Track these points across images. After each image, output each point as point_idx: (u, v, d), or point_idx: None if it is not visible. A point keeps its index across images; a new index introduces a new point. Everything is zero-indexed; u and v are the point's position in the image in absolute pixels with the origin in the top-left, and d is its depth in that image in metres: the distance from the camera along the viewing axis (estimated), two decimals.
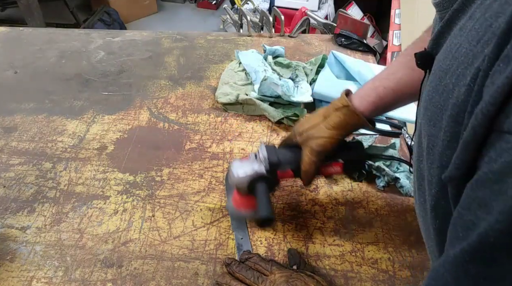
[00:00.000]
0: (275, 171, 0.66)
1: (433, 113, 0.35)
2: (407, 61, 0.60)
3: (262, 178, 0.64)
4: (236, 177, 0.64)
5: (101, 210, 0.75)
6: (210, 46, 1.28)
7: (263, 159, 0.64)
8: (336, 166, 0.68)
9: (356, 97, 0.63)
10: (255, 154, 0.67)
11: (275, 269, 0.59)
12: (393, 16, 2.35)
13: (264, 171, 0.64)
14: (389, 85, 0.61)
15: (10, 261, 0.67)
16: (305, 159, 0.64)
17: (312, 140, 0.63)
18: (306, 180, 0.67)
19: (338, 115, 0.62)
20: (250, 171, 0.64)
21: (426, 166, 0.37)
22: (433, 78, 0.37)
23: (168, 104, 1.03)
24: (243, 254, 0.63)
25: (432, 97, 0.36)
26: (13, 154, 0.87)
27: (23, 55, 1.22)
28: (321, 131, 0.63)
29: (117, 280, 0.64)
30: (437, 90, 0.35)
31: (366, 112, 0.62)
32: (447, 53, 0.35)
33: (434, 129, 0.35)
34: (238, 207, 0.69)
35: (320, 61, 1.10)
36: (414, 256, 0.68)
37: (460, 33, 0.34)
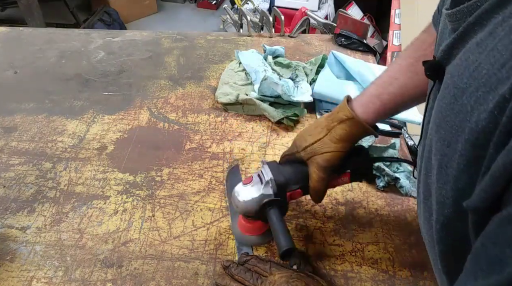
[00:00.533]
0: (285, 192, 0.62)
1: (447, 133, 0.34)
2: (409, 65, 0.59)
3: (272, 202, 0.60)
4: (243, 203, 0.61)
5: (101, 210, 0.75)
6: (210, 46, 1.28)
7: (269, 180, 0.60)
8: (344, 176, 0.65)
9: (358, 106, 0.60)
10: (258, 175, 0.62)
11: (274, 269, 0.59)
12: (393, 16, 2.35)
13: (272, 193, 0.60)
14: (393, 92, 0.59)
15: (10, 261, 0.67)
16: (313, 176, 0.61)
17: (317, 156, 0.60)
18: (317, 197, 0.64)
19: (343, 128, 0.59)
20: (257, 195, 0.60)
21: (436, 184, 0.36)
22: (446, 94, 0.35)
23: (168, 104, 1.03)
24: (241, 256, 0.63)
25: (446, 116, 0.35)
26: (13, 154, 0.88)
27: (23, 55, 1.22)
28: (326, 146, 0.60)
29: (117, 280, 0.64)
30: (452, 109, 0.34)
31: (370, 121, 0.60)
32: (463, 70, 0.33)
33: (448, 150, 0.34)
34: (245, 232, 0.67)
35: (320, 61, 1.10)
36: (414, 256, 0.68)
37: (478, 50, 0.32)
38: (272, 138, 0.92)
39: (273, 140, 0.92)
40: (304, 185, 0.62)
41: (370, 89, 0.61)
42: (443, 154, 0.35)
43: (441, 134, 0.35)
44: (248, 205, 0.60)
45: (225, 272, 0.61)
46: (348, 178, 0.65)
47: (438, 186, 0.36)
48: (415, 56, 0.58)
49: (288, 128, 0.95)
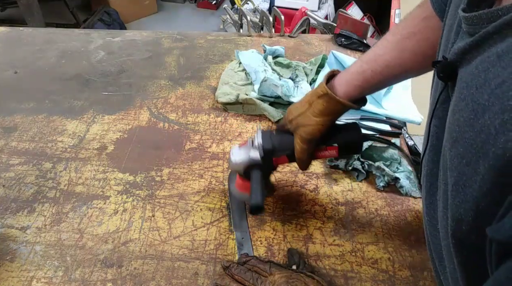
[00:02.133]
0: (270, 157, 0.67)
1: (467, 151, 0.32)
2: (397, 42, 0.58)
3: (257, 165, 0.66)
4: (234, 163, 0.67)
5: (101, 210, 0.75)
6: (210, 46, 1.28)
7: (258, 146, 0.66)
8: (331, 149, 0.67)
9: (341, 81, 0.62)
10: (252, 140, 0.68)
11: (274, 270, 0.59)
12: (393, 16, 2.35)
13: (259, 157, 0.65)
14: (377, 69, 0.59)
15: (10, 261, 0.67)
16: (296, 147, 0.65)
17: (300, 128, 0.63)
18: (301, 165, 0.68)
19: (321, 103, 0.61)
20: (246, 157, 0.66)
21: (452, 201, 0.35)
22: (464, 107, 0.34)
23: (168, 104, 1.03)
24: (241, 257, 0.63)
25: (464, 132, 0.33)
26: (13, 154, 0.87)
27: (23, 55, 1.22)
28: (307, 119, 0.62)
29: (117, 280, 0.64)
30: (472, 126, 0.32)
31: (352, 96, 0.61)
32: (482, 82, 0.32)
33: (467, 169, 0.32)
34: (240, 190, 0.70)
35: (320, 61, 1.10)
36: (414, 256, 0.68)
37: (500, 64, 0.30)
38: None
39: None
40: (290, 153, 0.67)
41: (355, 65, 0.62)
42: (461, 172, 0.33)
43: (458, 151, 0.34)
44: (237, 164, 0.67)
45: (225, 272, 0.61)
46: (336, 151, 0.67)
47: (454, 203, 0.34)
48: (404, 33, 0.58)
49: None
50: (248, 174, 0.67)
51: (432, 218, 0.46)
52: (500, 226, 0.28)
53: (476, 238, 0.32)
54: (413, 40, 0.57)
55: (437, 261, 0.46)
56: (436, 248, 0.46)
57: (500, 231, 0.28)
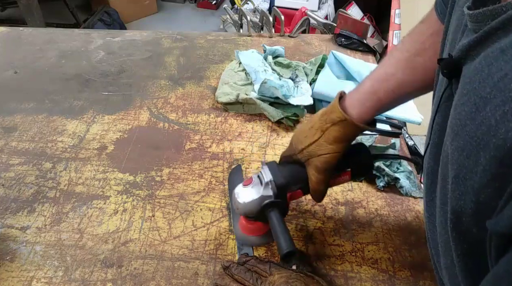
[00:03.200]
0: (285, 193, 0.62)
1: (467, 143, 0.33)
2: (406, 60, 0.57)
3: (272, 204, 0.60)
4: (243, 204, 0.61)
5: (101, 210, 0.75)
6: (210, 46, 1.28)
7: (268, 181, 0.60)
8: (344, 175, 0.64)
9: (354, 103, 0.59)
10: (258, 176, 0.62)
11: (274, 270, 0.59)
12: (393, 16, 2.36)
13: (272, 194, 0.60)
14: (390, 88, 0.57)
15: (10, 261, 0.67)
16: (312, 179, 0.61)
17: (314, 158, 0.60)
18: (318, 197, 0.64)
19: (337, 130, 0.58)
20: (257, 196, 0.60)
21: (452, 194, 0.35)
22: (466, 101, 0.34)
23: (168, 104, 1.03)
24: (241, 257, 0.63)
25: (465, 125, 0.33)
26: (13, 154, 0.88)
27: (23, 55, 1.22)
28: (322, 148, 0.59)
29: (117, 280, 0.64)
30: (473, 119, 0.32)
31: (366, 118, 0.59)
32: (485, 77, 0.32)
33: (468, 161, 0.32)
34: (248, 233, 0.67)
35: (320, 61, 1.10)
36: (414, 256, 0.68)
37: (503, 58, 0.31)
38: (272, 138, 0.92)
39: (273, 140, 0.92)
40: (304, 186, 0.62)
41: (366, 85, 0.60)
42: (461, 164, 0.33)
43: (459, 144, 0.34)
44: (248, 206, 0.61)
45: (225, 272, 0.61)
46: (349, 176, 0.64)
47: (454, 196, 0.35)
48: (413, 49, 0.57)
49: (288, 128, 0.95)
50: (261, 216, 0.61)
51: (432, 215, 0.46)
52: (499, 218, 0.28)
53: (477, 231, 0.33)
54: (424, 57, 0.56)
55: (436, 257, 0.47)
56: (435, 245, 0.46)
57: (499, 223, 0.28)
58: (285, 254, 0.56)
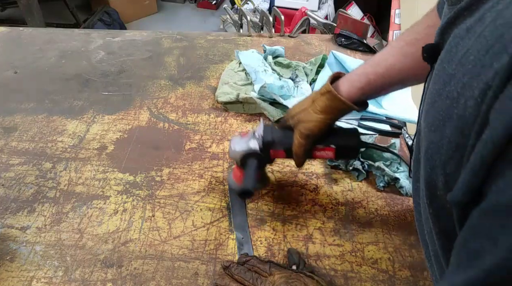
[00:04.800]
0: (268, 149, 0.68)
1: (435, 119, 0.34)
2: (400, 47, 0.60)
3: (254, 154, 0.68)
4: (232, 151, 0.69)
5: (101, 210, 0.75)
6: (210, 46, 1.28)
7: (258, 137, 0.68)
8: (328, 150, 0.68)
9: (345, 82, 0.63)
10: (253, 131, 0.70)
11: (274, 270, 0.59)
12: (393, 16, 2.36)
13: (258, 148, 0.67)
14: (380, 72, 0.60)
15: (10, 261, 0.67)
16: (295, 142, 0.66)
17: (301, 123, 0.64)
18: (297, 161, 0.68)
19: (323, 100, 0.62)
20: (245, 146, 0.68)
21: (424, 170, 0.36)
22: (436, 80, 0.36)
23: (168, 104, 1.03)
24: (240, 257, 0.63)
25: (434, 102, 0.35)
26: (13, 154, 0.87)
27: (23, 55, 1.22)
28: (309, 115, 0.64)
29: (117, 280, 0.64)
30: (440, 95, 0.34)
31: (354, 97, 0.62)
32: (452, 55, 0.33)
33: (435, 135, 0.34)
34: (237, 181, 0.72)
35: (320, 61, 1.10)
36: (414, 256, 0.68)
37: (467, 36, 0.32)
38: None
39: None
40: (288, 148, 0.68)
41: (360, 68, 0.64)
42: (429, 140, 0.35)
43: (429, 120, 0.35)
44: (236, 152, 0.69)
45: (225, 272, 0.61)
46: (332, 153, 0.68)
47: (426, 171, 0.36)
48: (407, 39, 0.60)
49: None
50: (244, 163, 0.68)
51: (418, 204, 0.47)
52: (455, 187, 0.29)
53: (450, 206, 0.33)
54: (416, 46, 0.58)
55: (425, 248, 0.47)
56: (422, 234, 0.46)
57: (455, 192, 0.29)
58: (243, 189, 0.64)
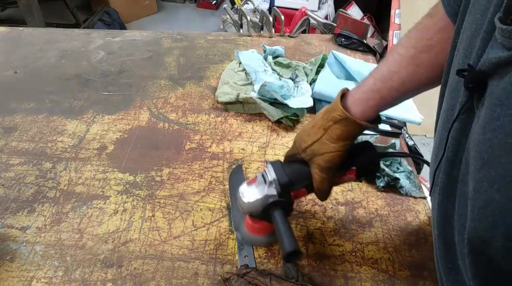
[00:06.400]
0: (289, 192, 0.61)
1: (500, 176, 0.31)
2: (411, 57, 0.55)
3: (276, 203, 0.60)
4: (247, 203, 0.60)
5: (101, 210, 0.75)
6: (210, 46, 1.28)
7: (272, 180, 0.60)
8: (350, 173, 0.64)
9: (356, 102, 0.58)
10: (262, 175, 0.62)
11: (274, 282, 0.58)
12: (393, 16, 2.36)
13: (276, 193, 0.60)
14: (393, 86, 0.56)
15: (10, 261, 0.67)
16: (315, 178, 0.60)
17: (318, 157, 0.59)
18: (322, 196, 0.63)
19: (339, 128, 0.57)
20: (260, 195, 0.60)
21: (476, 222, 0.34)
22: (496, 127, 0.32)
23: (168, 104, 1.03)
24: (240, 268, 0.62)
25: (499, 155, 0.31)
26: (13, 154, 0.87)
27: (23, 55, 1.22)
28: (325, 146, 0.58)
29: (117, 280, 0.64)
30: (510, 152, 0.30)
31: (369, 116, 0.58)
32: None
33: (499, 195, 0.31)
34: (254, 233, 0.66)
35: (320, 61, 1.10)
36: (414, 256, 0.68)
37: None
38: (272, 138, 0.92)
39: (273, 140, 0.92)
40: (308, 184, 0.62)
41: (369, 83, 0.58)
42: (490, 197, 0.31)
43: (489, 175, 0.32)
44: (253, 205, 0.60)
45: (225, 285, 0.61)
46: (354, 175, 0.64)
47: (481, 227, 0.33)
48: (418, 46, 0.55)
49: (288, 128, 0.95)
50: (265, 215, 0.61)
51: (443, 232, 0.44)
52: None
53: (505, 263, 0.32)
54: (430, 54, 0.54)
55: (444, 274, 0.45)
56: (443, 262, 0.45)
57: None
58: (287, 253, 0.55)
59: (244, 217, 0.67)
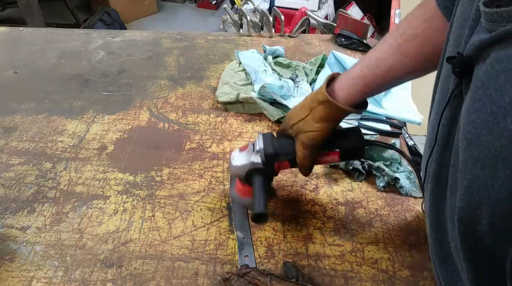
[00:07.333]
0: (272, 162, 0.66)
1: (483, 154, 0.31)
2: (398, 45, 0.57)
3: (259, 170, 0.65)
4: (234, 167, 0.66)
5: (101, 210, 0.75)
6: (210, 46, 1.28)
7: (259, 150, 0.65)
8: (332, 154, 0.67)
9: (341, 86, 0.61)
10: (253, 144, 0.67)
11: (274, 282, 0.58)
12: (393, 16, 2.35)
13: (261, 162, 0.65)
14: (379, 73, 0.58)
15: (10, 261, 0.67)
16: (298, 153, 0.64)
17: (302, 134, 0.63)
18: (304, 171, 0.67)
19: (322, 109, 0.60)
20: (247, 162, 0.65)
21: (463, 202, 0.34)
22: (481, 108, 0.32)
23: (168, 104, 1.03)
24: (240, 268, 0.62)
25: (481, 134, 0.32)
26: (13, 154, 0.87)
27: (23, 55, 1.22)
28: (309, 125, 0.62)
29: (117, 280, 0.64)
30: (491, 129, 0.31)
31: (353, 101, 0.60)
32: (503, 84, 0.30)
33: (483, 173, 0.31)
34: (241, 195, 0.69)
35: (320, 61, 1.10)
36: (414, 256, 0.68)
37: None
38: None
39: None
40: (291, 158, 0.66)
41: (356, 69, 0.61)
42: (475, 175, 0.32)
43: (473, 154, 0.33)
44: (238, 169, 0.66)
45: (225, 285, 0.61)
46: (337, 156, 0.67)
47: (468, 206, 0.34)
48: (405, 35, 0.57)
49: None
50: (249, 179, 0.65)
51: (435, 220, 0.45)
52: None
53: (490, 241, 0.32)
54: (415, 42, 0.56)
55: (437, 264, 0.46)
56: (436, 251, 0.45)
57: None
58: (255, 214, 0.60)
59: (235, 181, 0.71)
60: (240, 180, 0.68)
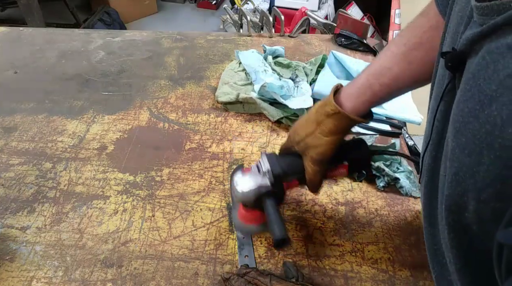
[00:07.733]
0: (281, 183, 0.63)
1: (469, 141, 0.32)
2: (402, 54, 0.57)
3: (268, 193, 0.61)
4: (241, 193, 0.62)
5: (101, 210, 0.75)
6: (210, 46, 1.28)
7: (266, 171, 0.62)
8: (341, 168, 0.65)
9: (348, 97, 0.60)
10: (257, 166, 0.64)
11: (274, 282, 0.58)
12: (393, 16, 2.35)
13: (269, 183, 0.61)
14: (385, 82, 0.57)
15: (10, 261, 0.67)
16: (308, 170, 0.62)
17: (310, 149, 0.61)
18: (314, 188, 0.65)
19: (331, 122, 0.59)
20: (254, 185, 0.61)
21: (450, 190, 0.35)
22: (469, 98, 0.33)
23: (168, 104, 1.03)
24: (240, 268, 0.62)
25: (468, 122, 0.32)
26: (13, 154, 0.87)
27: (23, 55, 1.22)
28: (317, 140, 0.60)
29: (117, 280, 0.64)
30: (477, 117, 0.31)
31: (361, 111, 0.59)
32: (491, 73, 0.31)
33: (470, 160, 0.32)
34: (246, 222, 0.66)
35: (320, 61, 1.10)
36: (414, 256, 0.68)
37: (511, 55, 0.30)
38: (272, 138, 0.92)
39: (273, 140, 0.92)
40: (300, 176, 0.64)
41: (362, 79, 0.60)
42: (462, 162, 0.33)
43: (460, 141, 0.33)
44: (246, 194, 0.61)
45: (225, 285, 0.61)
46: (345, 169, 0.65)
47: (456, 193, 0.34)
48: (410, 44, 0.57)
49: (287, 128, 0.95)
50: (258, 204, 0.62)
51: (429, 213, 0.45)
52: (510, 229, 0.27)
53: (477, 228, 0.32)
54: (421, 51, 0.55)
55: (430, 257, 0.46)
56: (429, 243, 0.46)
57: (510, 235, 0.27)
58: (277, 240, 0.57)
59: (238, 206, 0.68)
60: (243, 206, 0.64)
